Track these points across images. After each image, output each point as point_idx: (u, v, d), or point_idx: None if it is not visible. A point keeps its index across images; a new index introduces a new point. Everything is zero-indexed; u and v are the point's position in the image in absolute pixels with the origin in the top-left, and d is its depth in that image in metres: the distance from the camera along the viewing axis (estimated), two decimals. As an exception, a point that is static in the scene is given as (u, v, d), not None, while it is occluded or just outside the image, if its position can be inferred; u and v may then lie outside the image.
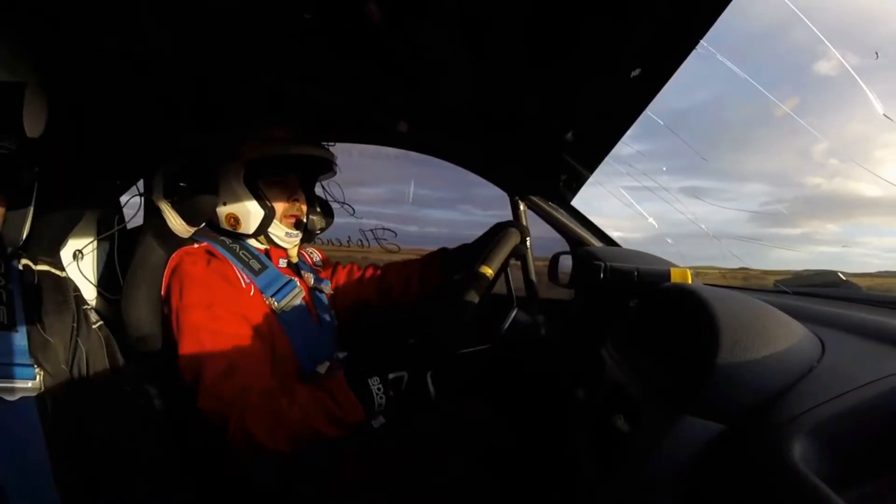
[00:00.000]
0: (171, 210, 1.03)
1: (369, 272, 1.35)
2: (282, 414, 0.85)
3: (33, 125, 0.65)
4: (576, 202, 1.49)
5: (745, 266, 1.30)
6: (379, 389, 0.86)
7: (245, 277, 1.03)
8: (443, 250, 1.29)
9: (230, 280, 1.00)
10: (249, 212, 1.07)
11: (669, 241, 1.41)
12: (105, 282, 1.11)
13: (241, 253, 1.06)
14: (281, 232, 1.12)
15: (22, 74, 0.65)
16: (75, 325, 0.74)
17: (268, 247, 1.14)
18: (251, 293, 1.02)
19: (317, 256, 1.34)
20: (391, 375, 0.88)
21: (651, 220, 1.40)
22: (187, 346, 0.93)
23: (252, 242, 1.12)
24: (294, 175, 1.14)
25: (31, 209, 0.70)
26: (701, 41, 0.82)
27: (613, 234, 1.45)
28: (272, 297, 1.05)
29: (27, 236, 0.72)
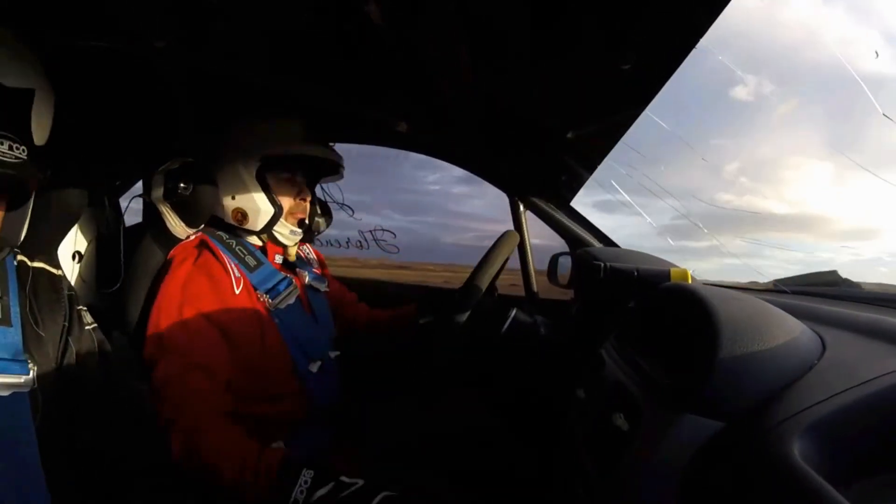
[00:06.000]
0: (170, 211, 1.03)
1: (355, 301, 1.41)
2: (203, 433, 0.82)
3: (41, 133, 0.65)
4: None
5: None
6: (305, 483, 0.76)
7: (237, 271, 1.01)
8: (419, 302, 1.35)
9: (214, 278, 0.99)
10: (259, 208, 1.07)
11: (670, 241, 1.42)
12: (104, 282, 1.11)
13: (237, 248, 1.05)
14: (286, 230, 1.12)
15: (32, 80, 0.64)
16: (66, 323, 0.73)
17: (265, 243, 1.13)
18: (238, 289, 1.00)
19: (311, 254, 1.34)
20: (342, 479, 0.76)
21: (649, 220, 1.40)
22: (150, 340, 0.93)
23: (251, 239, 1.12)
24: (301, 174, 1.14)
25: (30, 209, 0.69)
26: (700, 40, 0.82)
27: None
28: (266, 293, 1.04)
29: (25, 237, 0.71)
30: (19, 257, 0.71)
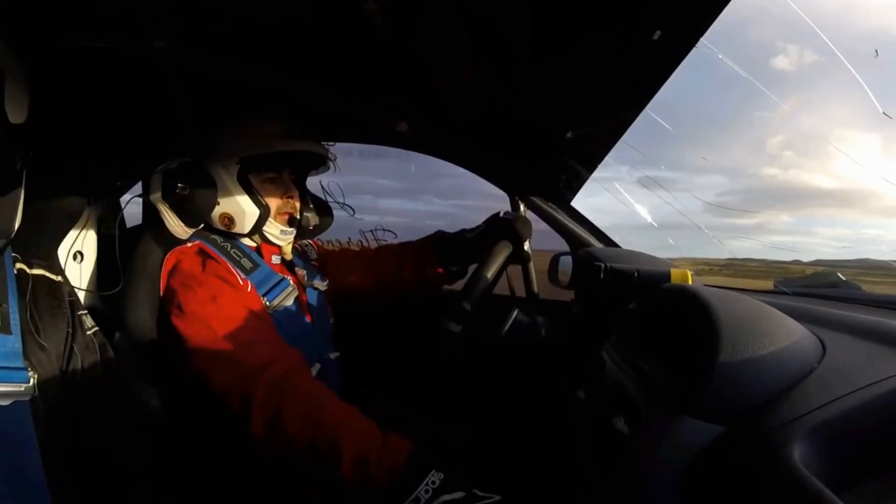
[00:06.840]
0: (168, 211, 1.03)
1: (362, 253, 1.37)
2: (320, 405, 0.78)
3: (15, 111, 0.63)
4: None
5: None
6: (432, 483, 0.68)
7: (240, 276, 1.02)
8: (439, 235, 1.30)
9: (228, 280, 1.00)
10: (244, 211, 1.06)
11: (671, 241, 1.42)
12: (105, 283, 1.11)
13: (232, 252, 1.05)
14: (276, 230, 1.11)
15: (3, 62, 0.63)
16: (70, 330, 0.73)
17: (259, 244, 1.13)
18: (248, 289, 1.02)
19: (310, 247, 1.33)
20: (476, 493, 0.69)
21: (650, 218, 1.40)
22: (198, 337, 0.90)
23: (244, 241, 1.11)
24: (287, 171, 1.13)
25: (21, 197, 0.67)
26: (700, 39, 0.82)
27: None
28: (264, 296, 1.04)
29: (24, 238, 0.71)
30: (18, 265, 0.70)
